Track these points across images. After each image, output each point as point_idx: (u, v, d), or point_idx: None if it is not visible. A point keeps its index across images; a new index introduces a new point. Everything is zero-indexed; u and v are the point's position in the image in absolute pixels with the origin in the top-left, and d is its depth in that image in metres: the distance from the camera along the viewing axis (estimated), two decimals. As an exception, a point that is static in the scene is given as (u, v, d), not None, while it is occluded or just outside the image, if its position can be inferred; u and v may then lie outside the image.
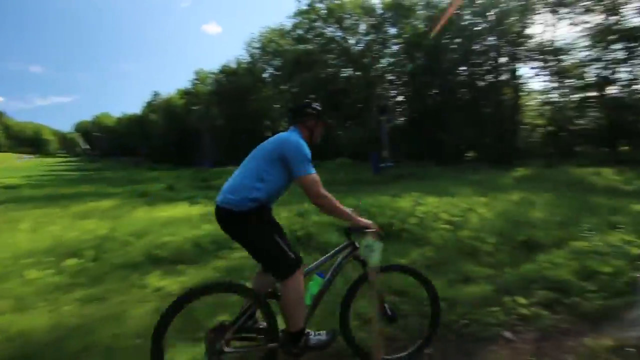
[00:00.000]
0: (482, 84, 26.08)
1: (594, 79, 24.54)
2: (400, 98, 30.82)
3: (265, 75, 39.95)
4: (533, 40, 24.27)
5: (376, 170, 19.73)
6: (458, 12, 24.74)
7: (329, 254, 2.18)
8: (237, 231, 1.93)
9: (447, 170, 20.48)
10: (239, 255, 4.39)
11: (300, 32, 33.43)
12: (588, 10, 22.93)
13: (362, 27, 31.46)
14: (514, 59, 24.89)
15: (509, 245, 4.27)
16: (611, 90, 25.95)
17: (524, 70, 29.76)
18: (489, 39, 24.69)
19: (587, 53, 24.08)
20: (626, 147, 22.38)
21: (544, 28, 24.86)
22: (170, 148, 49.80)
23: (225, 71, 42.94)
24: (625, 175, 12.92)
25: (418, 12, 27.94)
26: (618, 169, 14.51)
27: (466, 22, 24.61)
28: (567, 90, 25.75)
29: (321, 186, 1.93)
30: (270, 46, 37.90)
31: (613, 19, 22.58)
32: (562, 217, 5.11)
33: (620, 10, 22.63)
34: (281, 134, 2.08)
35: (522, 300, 2.81)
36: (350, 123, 32.57)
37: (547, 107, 25.74)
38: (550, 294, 2.87)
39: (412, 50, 27.92)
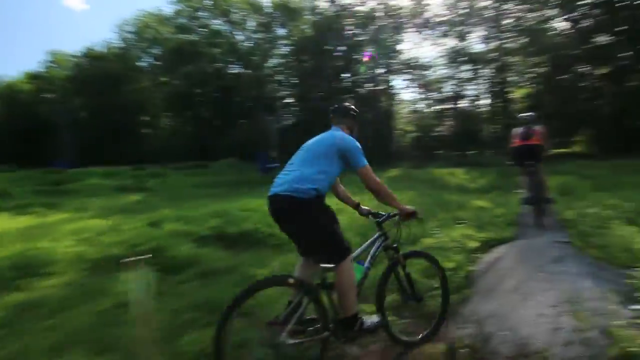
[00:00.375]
0: (362, 91, 28.27)
1: (449, 93, 29.01)
2: (290, 99, 31.09)
3: (141, 63, 35.54)
4: (403, 55, 27.51)
5: (263, 170, 19.26)
6: (341, 21, 26.29)
7: (365, 244, 2.36)
8: (299, 218, 2.02)
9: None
10: (49, 284, 3.34)
11: (182, 20, 30.76)
12: (445, 35, 27.07)
13: (251, 24, 30.73)
14: (389, 71, 27.72)
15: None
16: (462, 103, 31.20)
17: (398, 82, 33.43)
18: (369, 50, 26.85)
19: (444, 71, 28.37)
20: (473, 152, 27.21)
21: (412, 45, 28.41)
22: (13, 144, 40.01)
23: (90, 55, 36.56)
24: (471, 175, 15.38)
25: (305, 16, 28.62)
26: (467, 169, 17.29)
27: (349, 32, 26.23)
28: (430, 102, 29.97)
29: (375, 175, 2.15)
30: (147, 32, 33.88)
31: (462, 44, 27.12)
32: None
33: (467, 38, 27.35)
34: (332, 132, 2.28)
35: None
36: (240, 122, 31.47)
37: (415, 116, 29.45)
38: (398, 297, 2.80)
39: (300, 53, 28.50)
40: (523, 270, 3.11)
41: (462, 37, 26.66)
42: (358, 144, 2.21)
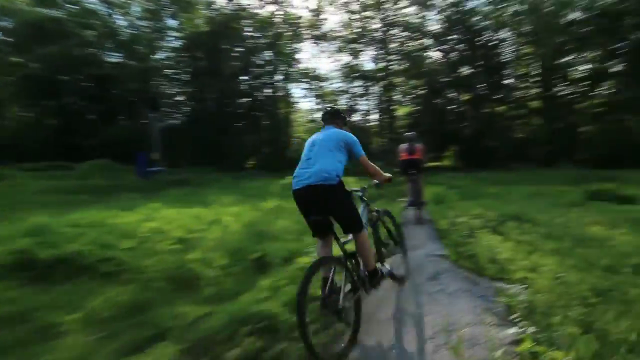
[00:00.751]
0: (261, 96, 27.53)
1: (343, 106, 30.43)
2: (179, 97, 28.33)
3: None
4: (301, 65, 27.86)
5: (142, 174, 16.80)
6: (239, 21, 25.20)
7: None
8: (330, 201, 2.39)
9: (226, 178, 20.06)
10: None
11: (43, -10, 25.42)
12: (340, 50, 28.37)
13: (136, 9, 27.17)
14: (288, 78, 27.68)
15: (240, 266, 3.55)
16: (355, 117, 33.11)
17: (296, 90, 33.68)
18: (267, 54, 26.34)
19: (339, 84, 29.69)
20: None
21: (310, 56, 28.94)
22: None
23: None
24: (360, 184, 16.01)
25: (199, 10, 26.60)
26: (359, 178, 18.12)
27: (247, 34, 25.28)
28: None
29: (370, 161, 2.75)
30: (-10, -3, 26.91)
31: (355, 61, 28.82)
32: (300, 226, 4.97)
33: (360, 55, 29.22)
34: (335, 129, 2.70)
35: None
36: (118, 118, 27.34)
37: (312, 125, 30.05)
38: (258, 340, 2.14)
39: (193, 48, 26.30)
40: (401, 292, 2.79)
41: (355, 54, 28.35)
42: (357, 139, 2.66)
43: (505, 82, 26.00)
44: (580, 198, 8.14)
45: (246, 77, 26.80)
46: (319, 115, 30.00)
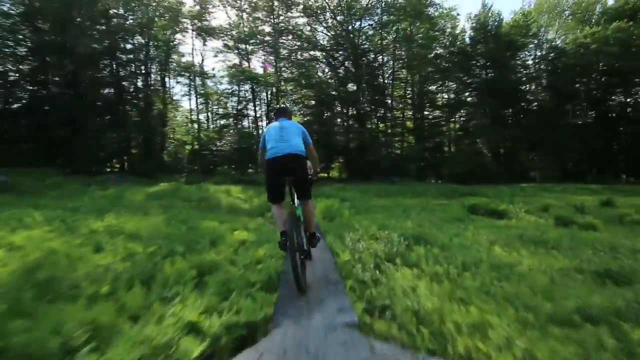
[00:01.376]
0: (129, 87, 23.20)
1: (232, 110, 28.25)
2: (11, 76, 21.68)
3: None
4: (183, 58, 24.75)
5: None
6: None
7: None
8: (300, 169, 3.08)
9: (72, 183, 15.72)
10: None
11: None
12: (227, 48, 26.27)
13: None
14: (165, 69, 24.13)
15: None
16: (244, 122, 31.17)
17: (175, 85, 29.69)
18: (138, 39, 22.41)
19: (227, 86, 27.44)
20: (253, 170, 27.18)
21: (193, 50, 25.88)
22: None
23: None
24: (247, 194, 14.33)
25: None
26: (244, 187, 16.35)
27: (112, 11, 20.92)
28: (212, 115, 28.26)
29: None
30: None
31: (244, 63, 27.10)
32: (128, 263, 3.11)
33: (250, 57, 27.64)
34: (292, 121, 3.41)
35: None
36: None
37: (194, 126, 26.89)
38: None
39: (34, 18, 20.48)
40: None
41: (243, 55, 26.66)
42: None
43: (386, 101, 28.01)
44: (462, 213, 8.25)
45: (108, 61, 22.16)
46: (201, 117, 27.10)
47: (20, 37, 21.16)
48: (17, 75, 21.58)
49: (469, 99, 28.56)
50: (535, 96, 29.01)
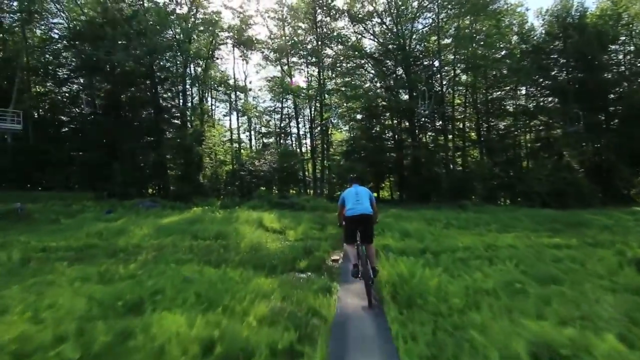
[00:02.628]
0: (167, 105, 22.13)
1: (272, 127, 26.31)
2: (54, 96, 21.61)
3: None
4: (221, 74, 23.43)
5: None
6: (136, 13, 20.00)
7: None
8: (369, 222, 4.14)
9: (93, 210, 14.25)
10: None
11: None
12: (266, 60, 24.57)
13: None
14: (203, 86, 22.86)
15: None
16: (285, 140, 29.14)
17: (216, 104, 28.55)
18: (176, 55, 21.35)
19: (269, 103, 25.65)
20: (294, 191, 24.84)
21: (234, 67, 24.56)
22: None
23: None
24: (282, 222, 11.67)
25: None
26: (280, 212, 13.85)
27: (147, 26, 19.84)
28: (251, 133, 26.56)
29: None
30: None
31: (287, 80, 25.19)
32: None
33: (292, 71, 25.74)
34: (363, 187, 4.48)
35: None
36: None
37: (235, 146, 25.28)
38: None
39: (75, 37, 20.25)
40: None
41: (285, 70, 24.80)
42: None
43: (445, 110, 24.30)
44: (626, 273, 4.69)
45: (147, 81, 21.29)
46: (245, 136, 25.41)
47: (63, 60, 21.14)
48: (59, 97, 21.49)
49: (547, 104, 23.90)
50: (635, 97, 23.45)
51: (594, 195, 20.47)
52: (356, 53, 24.32)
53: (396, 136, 25.82)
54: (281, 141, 31.15)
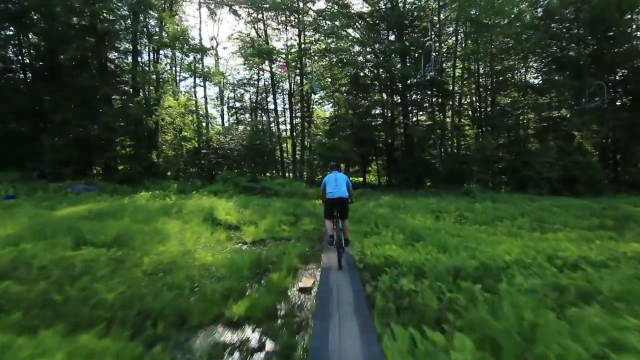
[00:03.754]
0: (111, 63, 18.07)
1: (249, 103, 22.67)
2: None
3: None
4: (182, 29, 19.40)
5: None
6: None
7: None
8: (345, 204, 5.01)
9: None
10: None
11: None
12: (235, 15, 20.67)
13: None
14: (155, 42, 18.80)
15: None
16: (263, 118, 25.56)
17: (180, 72, 24.38)
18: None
19: (245, 74, 21.84)
20: (266, 174, 21.50)
21: (202, 30, 20.17)
22: None
23: None
24: (242, 215, 8.53)
25: None
26: (247, 197, 10.65)
27: None
28: (225, 109, 22.80)
29: None
30: None
31: (261, 38, 21.38)
32: None
33: (267, 33, 21.92)
34: (341, 174, 5.28)
35: None
36: None
37: (196, 119, 21.57)
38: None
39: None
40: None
41: (259, 31, 21.05)
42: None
43: (443, 83, 21.15)
44: None
45: (86, 37, 17.16)
46: (216, 111, 21.63)
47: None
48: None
49: (557, 77, 21.05)
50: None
51: (605, 179, 18.07)
52: (341, 9, 20.70)
53: (386, 112, 22.67)
54: (258, 118, 27.58)
